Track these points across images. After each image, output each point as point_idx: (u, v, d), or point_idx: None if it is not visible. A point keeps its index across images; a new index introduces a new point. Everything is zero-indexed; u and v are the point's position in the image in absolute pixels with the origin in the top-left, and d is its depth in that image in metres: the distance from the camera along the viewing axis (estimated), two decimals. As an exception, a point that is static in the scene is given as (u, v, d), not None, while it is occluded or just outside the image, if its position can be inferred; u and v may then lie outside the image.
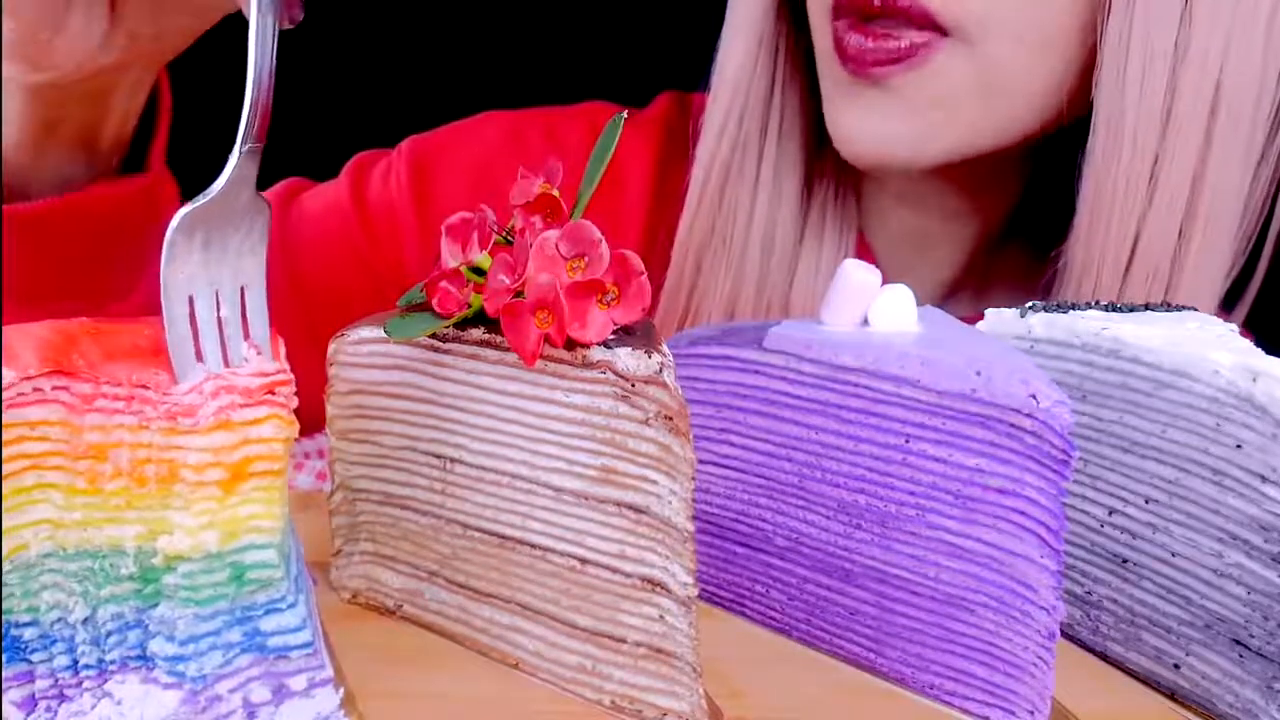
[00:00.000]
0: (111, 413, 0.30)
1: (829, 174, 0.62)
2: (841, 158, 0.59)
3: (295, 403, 0.31)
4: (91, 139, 0.43)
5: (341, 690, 0.33)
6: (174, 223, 0.30)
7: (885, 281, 0.38)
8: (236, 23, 0.34)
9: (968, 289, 0.66)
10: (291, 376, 0.31)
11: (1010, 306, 0.43)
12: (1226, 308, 0.59)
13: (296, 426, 0.31)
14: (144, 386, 0.30)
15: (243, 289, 0.31)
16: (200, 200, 0.30)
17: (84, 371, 0.29)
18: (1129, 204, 0.52)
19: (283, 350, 0.32)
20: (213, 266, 0.31)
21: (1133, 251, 0.53)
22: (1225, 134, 0.52)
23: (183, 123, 0.48)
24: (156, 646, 0.30)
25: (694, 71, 0.64)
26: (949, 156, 0.54)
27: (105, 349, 0.30)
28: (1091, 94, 0.52)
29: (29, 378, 0.29)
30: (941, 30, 0.51)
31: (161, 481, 0.30)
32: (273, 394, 0.30)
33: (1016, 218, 0.64)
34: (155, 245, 0.47)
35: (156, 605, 0.30)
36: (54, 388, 0.29)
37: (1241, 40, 0.51)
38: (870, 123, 0.54)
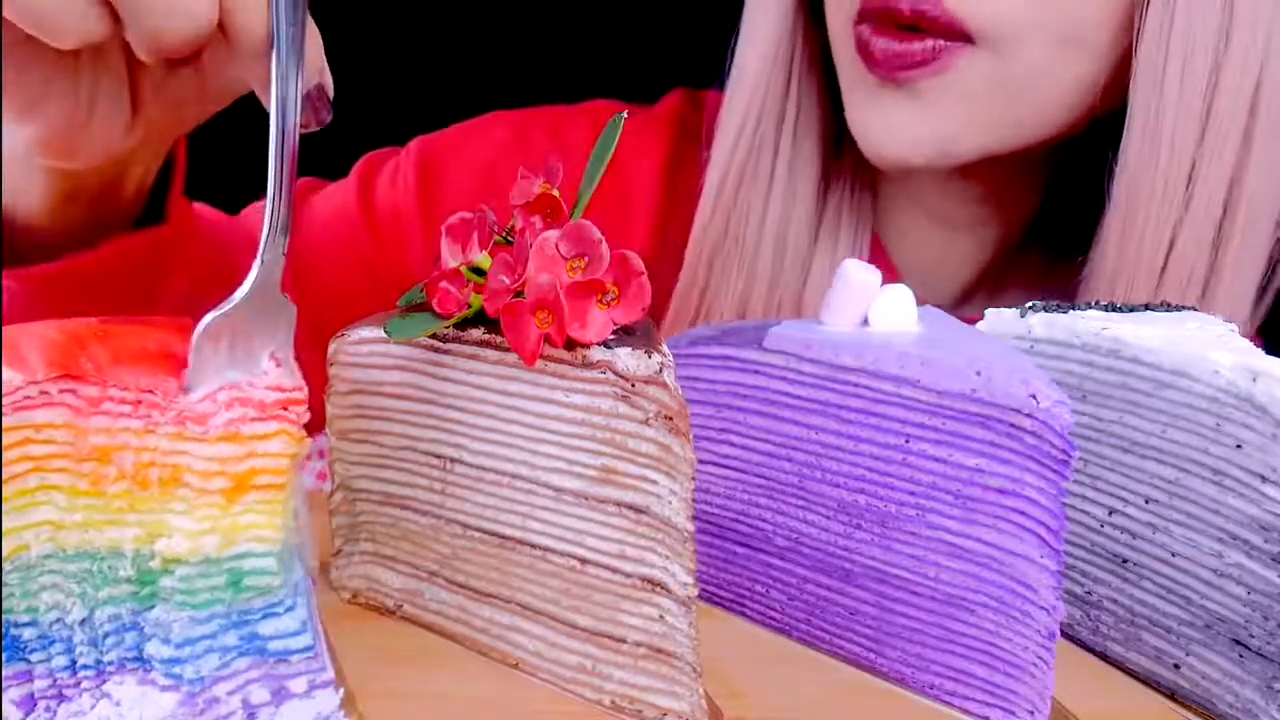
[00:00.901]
0: (117, 416, 0.29)
1: (845, 175, 0.62)
2: (857, 159, 0.59)
3: (307, 417, 0.31)
4: (111, 200, 0.44)
5: (342, 691, 0.33)
6: (199, 329, 0.30)
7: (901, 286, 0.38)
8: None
9: (983, 293, 0.66)
10: (306, 394, 0.31)
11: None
12: None
13: (307, 443, 0.31)
14: (150, 391, 0.29)
15: None
16: (224, 308, 0.30)
17: (91, 375, 0.29)
18: (1165, 209, 0.51)
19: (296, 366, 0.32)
20: (239, 367, 0.31)
21: (1167, 257, 0.52)
22: (1264, 135, 0.51)
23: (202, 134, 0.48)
24: (153, 649, 0.30)
25: (705, 69, 0.64)
26: (976, 155, 0.54)
27: (113, 352, 0.30)
28: (1125, 94, 0.51)
29: (36, 381, 0.29)
30: (967, 37, 0.50)
31: (164, 485, 0.30)
32: (285, 410, 0.30)
33: (1034, 223, 0.64)
34: (174, 288, 0.48)
35: (153, 608, 0.30)
36: (61, 391, 0.29)
37: None
38: (896, 125, 0.53)
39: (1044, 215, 0.63)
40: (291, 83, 0.30)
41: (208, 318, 0.30)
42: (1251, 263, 0.54)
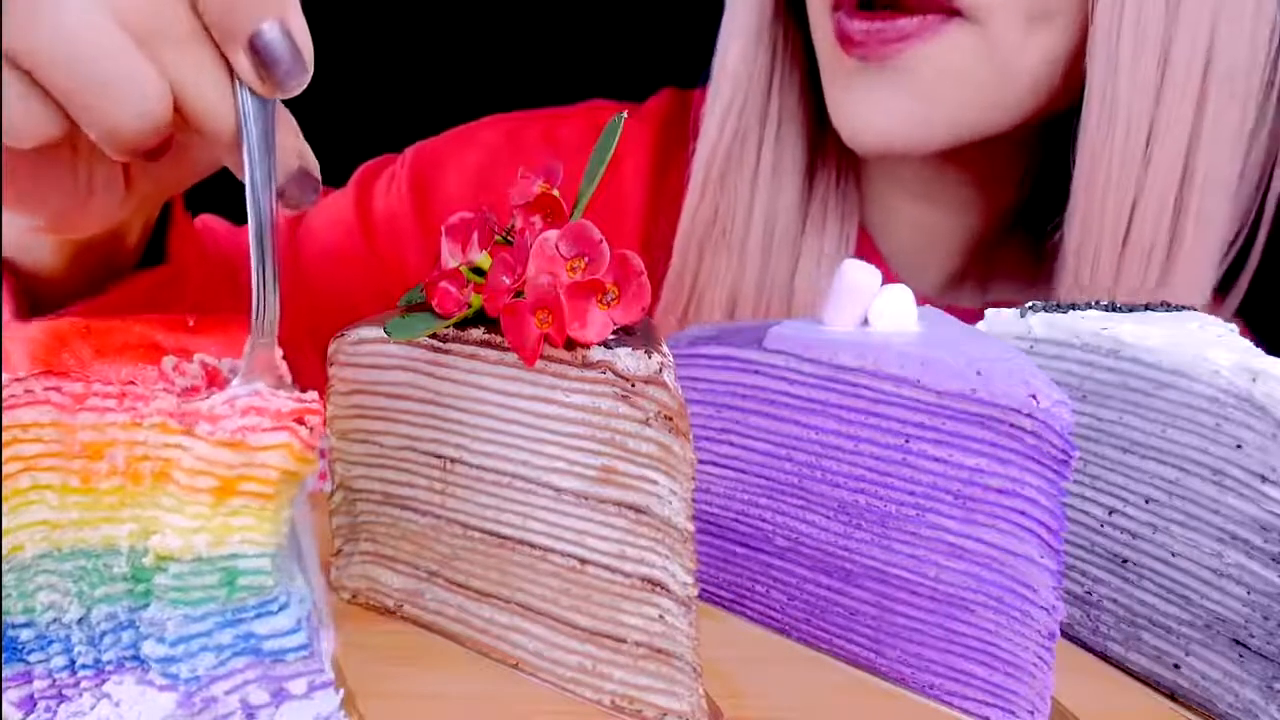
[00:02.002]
0: (103, 411, 0.29)
1: (830, 166, 0.62)
2: (842, 148, 0.59)
3: (322, 430, 0.30)
4: (114, 248, 0.45)
5: (341, 691, 0.33)
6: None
7: (890, 275, 0.38)
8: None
9: (971, 280, 0.66)
10: (320, 408, 0.30)
11: (1014, 296, 0.43)
12: (1220, 291, 0.59)
13: (314, 462, 0.30)
14: (132, 383, 0.29)
15: None
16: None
17: (74, 370, 0.29)
18: (1124, 179, 0.52)
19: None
20: None
21: (1128, 227, 0.53)
22: (1217, 102, 0.52)
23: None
24: (149, 648, 0.30)
25: (695, 69, 0.64)
26: (953, 138, 0.54)
27: (96, 347, 0.30)
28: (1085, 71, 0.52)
29: (19, 379, 0.29)
30: (950, 11, 0.51)
31: (156, 479, 0.30)
32: (301, 422, 0.30)
33: (1019, 209, 0.64)
34: (185, 304, 0.48)
35: (148, 606, 0.30)
36: (45, 388, 0.29)
37: (1231, 8, 0.50)
38: (876, 106, 0.53)
39: (1031, 200, 0.64)
40: (264, 174, 0.30)
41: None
42: (1211, 233, 0.54)
